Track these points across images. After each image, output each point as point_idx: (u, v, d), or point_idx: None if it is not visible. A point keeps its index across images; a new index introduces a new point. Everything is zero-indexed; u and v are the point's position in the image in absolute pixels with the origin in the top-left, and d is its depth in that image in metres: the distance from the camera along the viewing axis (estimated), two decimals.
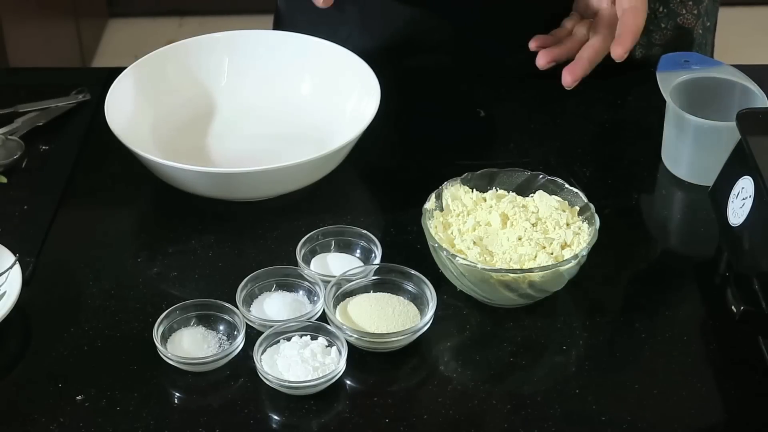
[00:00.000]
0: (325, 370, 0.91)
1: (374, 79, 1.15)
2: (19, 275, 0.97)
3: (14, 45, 2.42)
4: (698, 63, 1.16)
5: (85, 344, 0.96)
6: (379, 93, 1.13)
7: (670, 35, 1.29)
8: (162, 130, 1.17)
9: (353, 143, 1.09)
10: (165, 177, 1.08)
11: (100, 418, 0.90)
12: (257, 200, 1.10)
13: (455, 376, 0.94)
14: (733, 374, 0.94)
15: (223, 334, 0.96)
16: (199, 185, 1.07)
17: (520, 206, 1.01)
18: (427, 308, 0.96)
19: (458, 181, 1.03)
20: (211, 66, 1.23)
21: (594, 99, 1.26)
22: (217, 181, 1.07)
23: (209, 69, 1.23)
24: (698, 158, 1.11)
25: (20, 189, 1.13)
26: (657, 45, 1.29)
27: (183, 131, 1.18)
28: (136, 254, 1.05)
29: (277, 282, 1.00)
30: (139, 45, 3.09)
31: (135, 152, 1.07)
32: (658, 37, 1.29)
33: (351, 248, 1.04)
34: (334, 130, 1.16)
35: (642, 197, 1.13)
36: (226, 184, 1.07)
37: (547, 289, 0.97)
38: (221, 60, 1.23)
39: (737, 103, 1.10)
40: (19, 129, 1.18)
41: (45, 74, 1.40)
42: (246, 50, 1.23)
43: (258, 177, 1.06)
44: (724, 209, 1.00)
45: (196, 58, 1.22)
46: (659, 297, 1.01)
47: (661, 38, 1.29)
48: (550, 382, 0.94)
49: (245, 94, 1.22)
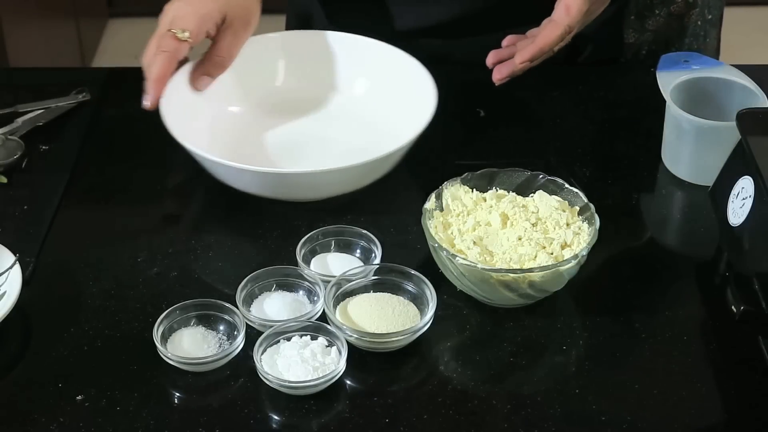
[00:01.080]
0: (325, 370, 0.91)
1: (430, 80, 1.15)
2: (19, 275, 0.97)
3: (14, 45, 2.42)
4: (698, 63, 1.16)
5: (85, 344, 0.96)
6: (436, 95, 1.13)
7: (662, 22, 1.30)
8: (217, 130, 1.17)
9: (409, 146, 1.09)
10: (219, 176, 1.09)
11: (100, 418, 0.90)
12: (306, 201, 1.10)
13: (455, 376, 0.94)
14: (733, 374, 0.94)
15: (223, 334, 0.96)
16: (252, 185, 1.08)
17: (520, 206, 1.01)
18: (427, 308, 0.96)
19: (458, 181, 1.03)
20: (267, 66, 1.23)
21: (594, 99, 1.26)
22: (271, 181, 1.07)
23: (264, 69, 1.23)
24: (698, 158, 1.11)
25: (20, 189, 1.13)
26: (649, 31, 1.30)
27: (238, 131, 1.19)
28: (136, 254, 1.05)
29: (277, 282, 1.00)
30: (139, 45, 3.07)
31: (191, 151, 1.07)
32: (651, 23, 1.29)
33: (351, 248, 1.04)
34: (387, 131, 1.16)
35: (642, 197, 1.13)
36: (279, 184, 1.07)
37: (547, 289, 0.97)
38: (276, 60, 1.24)
39: (737, 103, 1.10)
40: (19, 129, 1.18)
41: (45, 74, 1.40)
42: (301, 50, 1.24)
43: (312, 179, 1.06)
44: (724, 209, 1.00)
45: (252, 58, 1.22)
46: (659, 297, 1.01)
47: (654, 24, 1.29)
48: (550, 382, 0.94)
49: (299, 94, 1.23)
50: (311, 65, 1.24)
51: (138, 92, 1.29)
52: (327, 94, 1.23)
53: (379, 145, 1.10)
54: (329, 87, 1.23)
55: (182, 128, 1.09)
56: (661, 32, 1.30)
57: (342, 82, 1.23)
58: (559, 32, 1.12)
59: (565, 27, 1.12)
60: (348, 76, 1.23)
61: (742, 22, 2.98)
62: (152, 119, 1.24)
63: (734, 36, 2.76)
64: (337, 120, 1.21)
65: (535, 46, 1.13)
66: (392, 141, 1.08)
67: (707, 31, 1.34)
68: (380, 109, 1.20)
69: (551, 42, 1.12)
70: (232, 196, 1.15)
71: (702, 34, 1.33)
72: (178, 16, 1.12)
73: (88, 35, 2.96)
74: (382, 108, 1.20)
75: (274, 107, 1.22)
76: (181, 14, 1.12)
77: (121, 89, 1.28)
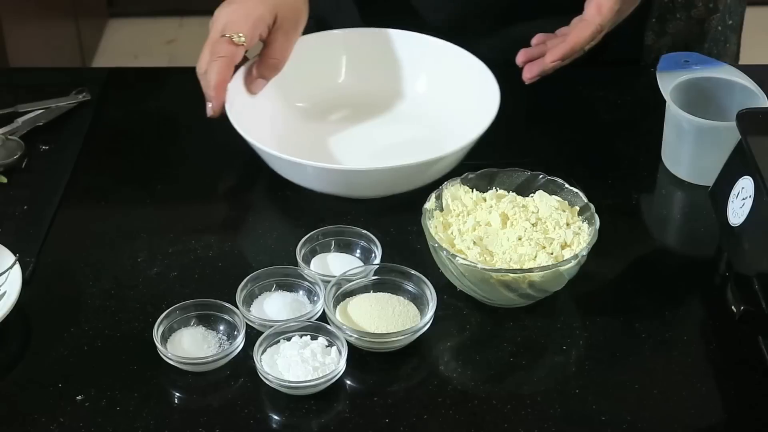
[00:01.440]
0: (325, 370, 0.91)
1: (492, 78, 1.16)
2: (19, 275, 0.97)
3: (14, 45, 2.42)
4: (698, 63, 1.16)
5: (85, 344, 0.96)
6: (499, 93, 1.13)
7: (683, 25, 1.29)
8: (279, 125, 1.18)
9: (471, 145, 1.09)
10: (282, 171, 1.10)
11: (100, 418, 0.90)
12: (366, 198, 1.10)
13: (455, 376, 0.94)
14: (733, 374, 0.94)
15: (223, 334, 0.96)
16: (315, 181, 1.08)
17: (520, 206, 1.01)
18: (427, 308, 0.96)
19: (458, 181, 1.03)
20: (329, 62, 1.24)
21: (594, 99, 1.26)
22: (334, 178, 1.07)
23: (327, 65, 1.23)
24: (698, 158, 1.11)
25: (20, 189, 1.13)
26: (669, 34, 1.30)
27: (300, 126, 1.19)
28: (136, 254, 1.05)
29: (277, 282, 1.00)
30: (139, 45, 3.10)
31: (256, 147, 1.08)
32: (672, 26, 1.29)
33: (351, 248, 1.04)
34: (448, 130, 1.17)
35: (642, 197, 1.13)
36: (342, 181, 1.08)
37: (547, 289, 0.97)
38: (339, 57, 1.24)
39: (737, 103, 1.10)
40: (19, 129, 1.18)
41: (45, 74, 1.40)
42: (364, 47, 1.24)
43: (374, 176, 1.06)
44: (724, 209, 1.00)
45: (314, 55, 1.22)
46: (659, 297, 1.01)
47: (674, 27, 1.29)
48: (550, 382, 0.94)
49: (361, 91, 1.23)
50: (372, 62, 1.24)
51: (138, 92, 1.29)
52: (388, 92, 1.23)
53: (439, 143, 1.11)
54: (390, 85, 1.24)
55: (246, 126, 1.10)
56: (680, 36, 1.29)
57: (403, 80, 1.24)
58: (591, 31, 1.12)
59: (597, 26, 1.12)
60: (409, 74, 1.24)
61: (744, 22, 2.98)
62: (152, 119, 1.25)
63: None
64: (398, 118, 1.22)
65: (567, 45, 1.13)
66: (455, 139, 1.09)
67: (728, 36, 1.34)
68: (441, 107, 1.20)
69: (583, 41, 1.12)
70: (231, 197, 1.15)
71: (722, 39, 1.33)
72: (231, 21, 1.12)
73: (88, 35, 2.96)
74: (443, 106, 1.20)
75: (334, 104, 1.22)
76: (234, 18, 1.12)
77: (121, 89, 1.28)
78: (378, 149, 1.18)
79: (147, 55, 2.96)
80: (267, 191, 1.13)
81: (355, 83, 1.24)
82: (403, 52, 1.24)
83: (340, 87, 1.24)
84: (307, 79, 1.22)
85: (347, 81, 1.24)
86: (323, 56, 1.24)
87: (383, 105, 1.23)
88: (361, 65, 1.24)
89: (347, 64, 1.24)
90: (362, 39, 1.24)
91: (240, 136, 1.09)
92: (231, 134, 1.09)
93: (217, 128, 1.16)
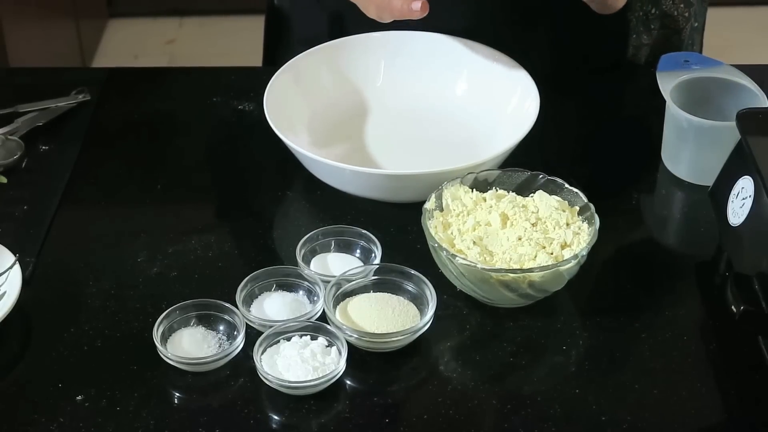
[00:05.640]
0: (325, 370, 0.91)
1: (532, 82, 1.15)
2: (19, 275, 0.97)
3: (14, 45, 2.42)
4: (698, 63, 1.16)
5: (85, 344, 0.96)
6: (538, 97, 1.13)
7: (659, 35, 1.29)
8: (317, 128, 1.18)
9: (513, 148, 1.09)
10: (319, 174, 1.09)
11: (100, 418, 0.90)
12: (402, 202, 1.09)
13: (455, 376, 0.94)
14: (733, 374, 0.94)
15: (223, 334, 0.96)
16: (351, 184, 1.08)
17: (520, 206, 1.01)
18: (427, 308, 0.96)
19: (458, 181, 1.03)
20: (367, 66, 1.23)
21: (594, 99, 1.26)
22: (371, 182, 1.07)
23: (365, 69, 1.23)
24: (698, 158, 1.11)
25: (20, 189, 1.13)
26: (645, 45, 1.29)
27: (337, 130, 1.19)
28: (136, 254, 1.05)
29: (277, 282, 1.00)
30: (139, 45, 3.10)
31: (294, 149, 1.08)
32: (646, 37, 1.29)
33: (351, 248, 1.04)
34: (488, 134, 1.16)
35: (642, 197, 1.13)
36: (381, 185, 1.07)
37: (547, 289, 0.97)
38: (377, 60, 1.23)
39: (737, 103, 1.10)
40: (19, 129, 1.18)
41: (45, 74, 1.40)
42: (402, 51, 1.23)
43: (414, 180, 1.05)
44: (724, 209, 1.00)
45: (352, 58, 1.22)
46: (659, 297, 1.01)
47: (649, 39, 1.29)
48: (550, 382, 0.94)
49: (400, 94, 1.23)
50: (411, 65, 1.23)
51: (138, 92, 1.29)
52: (426, 96, 1.23)
53: (476, 148, 1.11)
54: (429, 88, 1.23)
55: (282, 125, 1.10)
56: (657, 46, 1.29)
57: (442, 83, 1.23)
58: None
59: None
60: (448, 77, 1.23)
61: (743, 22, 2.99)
62: (152, 119, 1.25)
63: (732, 36, 2.77)
64: (435, 121, 1.21)
65: None
66: (493, 145, 1.09)
67: (694, 38, 1.34)
68: (479, 112, 1.20)
69: None
70: (231, 197, 1.15)
71: (691, 43, 1.33)
72: None
73: (88, 35, 2.96)
74: (481, 111, 1.20)
75: (373, 107, 1.22)
76: None
77: (121, 89, 1.28)
78: (414, 152, 1.17)
79: (147, 55, 2.96)
80: (267, 191, 1.13)
81: (392, 86, 1.23)
82: (441, 55, 1.23)
83: (378, 90, 1.22)
84: (344, 83, 1.22)
85: (384, 84, 1.23)
86: (360, 59, 1.22)
87: (421, 108, 1.22)
88: (399, 69, 1.23)
89: (385, 68, 1.23)
90: (401, 42, 1.23)
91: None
92: (231, 134, 1.09)
93: (217, 128, 1.16)
